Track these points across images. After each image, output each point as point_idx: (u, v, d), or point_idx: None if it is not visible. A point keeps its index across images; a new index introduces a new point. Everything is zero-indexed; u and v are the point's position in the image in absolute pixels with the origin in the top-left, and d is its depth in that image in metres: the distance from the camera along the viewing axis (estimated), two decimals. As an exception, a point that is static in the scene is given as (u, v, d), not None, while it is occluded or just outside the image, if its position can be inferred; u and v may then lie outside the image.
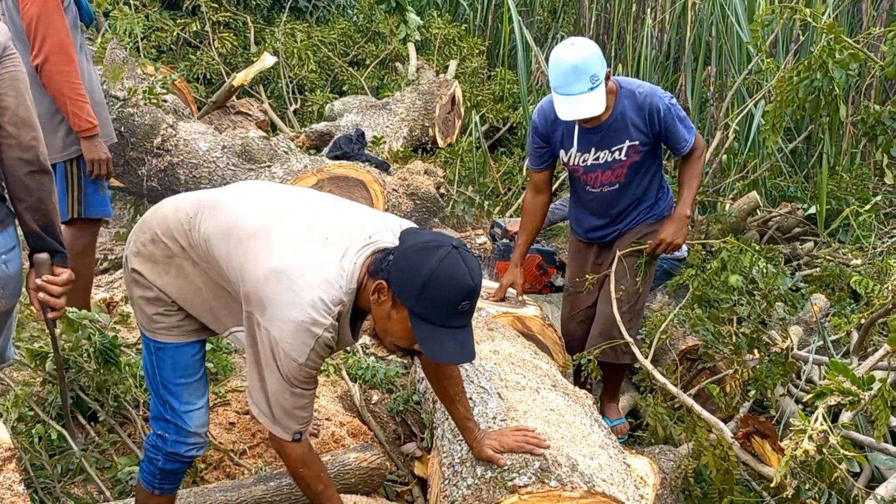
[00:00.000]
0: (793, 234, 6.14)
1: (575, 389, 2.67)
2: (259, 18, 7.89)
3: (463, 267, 1.79)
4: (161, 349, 2.12)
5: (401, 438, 3.10)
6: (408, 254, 1.81)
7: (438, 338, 1.82)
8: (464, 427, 2.20)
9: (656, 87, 3.11)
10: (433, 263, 1.76)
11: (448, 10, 9.36)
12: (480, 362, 2.73)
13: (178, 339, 2.11)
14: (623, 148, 3.06)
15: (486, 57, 8.49)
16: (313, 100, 7.37)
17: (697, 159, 3.13)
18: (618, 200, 3.22)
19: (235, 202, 2.07)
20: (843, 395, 1.50)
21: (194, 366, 2.16)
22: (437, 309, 1.79)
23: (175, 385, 2.13)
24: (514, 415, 2.35)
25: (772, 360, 2.27)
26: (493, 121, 7.50)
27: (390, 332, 1.90)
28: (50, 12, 2.85)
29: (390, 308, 1.84)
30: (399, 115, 5.69)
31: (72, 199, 3.12)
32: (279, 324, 1.83)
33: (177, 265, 2.06)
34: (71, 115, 2.93)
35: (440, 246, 1.80)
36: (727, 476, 2.46)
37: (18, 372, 2.88)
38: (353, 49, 8.04)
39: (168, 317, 2.09)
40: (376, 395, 3.27)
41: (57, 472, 2.53)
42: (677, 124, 3.04)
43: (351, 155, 4.48)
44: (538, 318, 3.27)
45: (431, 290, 1.77)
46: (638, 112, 3.00)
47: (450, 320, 1.82)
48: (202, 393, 2.19)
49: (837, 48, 2.46)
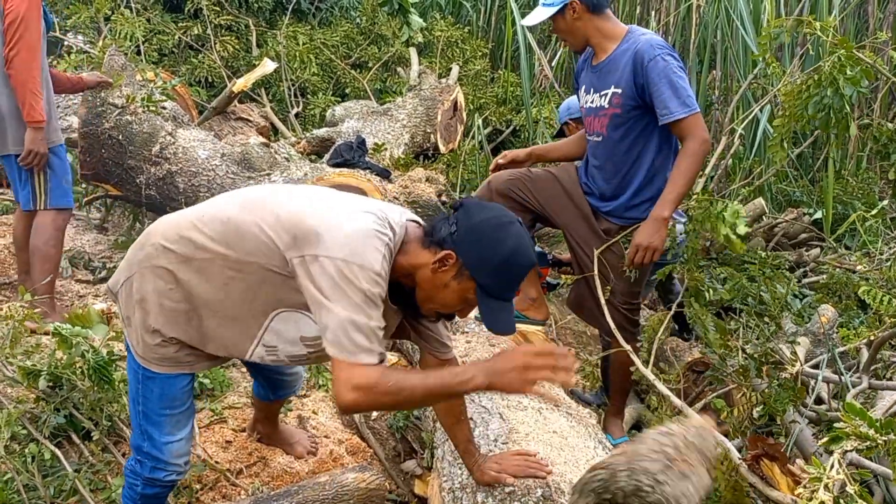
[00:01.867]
0: (799, 240, 6.08)
1: (578, 409, 2.62)
2: (261, 21, 7.84)
3: (529, 242, 1.84)
4: (151, 378, 2.05)
5: (401, 456, 3.05)
6: (482, 229, 1.79)
7: (498, 310, 1.83)
8: (465, 451, 2.14)
9: (659, 41, 2.85)
10: (513, 241, 1.78)
11: (451, 12, 9.30)
12: (482, 380, 2.68)
13: (171, 369, 2.04)
14: (608, 94, 2.89)
15: (489, 59, 8.44)
16: (315, 103, 7.31)
17: (691, 153, 2.77)
18: (603, 160, 2.99)
19: (245, 191, 2.07)
20: (861, 439, 1.44)
21: (182, 397, 2.10)
22: (507, 284, 1.82)
23: (159, 416, 2.08)
24: (516, 437, 2.30)
25: (781, 385, 2.21)
26: (497, 124, 7.45)
27: (439, 301, 1.87)
28: (32, 15, 3.31)
29: (451, 278, 1.81)
30: (400, 121, 5.62)
31: (39, 189, 3.48)
32: (342, 240, 1.74)
33: (195, 268, 1.92)
34: (27, 105, 3.31)
35: (512, 222, 1.82)
36: (737, 492, 2.40)
37: (12, 389, 2.83)
38: (356, 51, 7.98)
39: (165, 347, 2.01)
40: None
41: (50, 493, 2.48)
42: (662, 84, 2.75)
43: (352, 162, 4.42)
44: (541, 333, 3.21)
45: (509, 267, 1.79)
46: (629, 58, 2.82)
47: (509, 294, 1.85)
48: (185, 424, 2.14)
49: (849, 64, 2.39)
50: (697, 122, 2.77)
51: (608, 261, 3.03)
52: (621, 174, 2.97)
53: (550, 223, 3.25)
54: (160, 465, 2.12)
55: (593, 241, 3.07)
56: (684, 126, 2.78)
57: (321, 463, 2.80)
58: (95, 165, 4.18)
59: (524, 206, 3.13)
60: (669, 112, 2.77)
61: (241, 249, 1.87)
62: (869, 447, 1.46)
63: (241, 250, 1.87)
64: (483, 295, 1.81)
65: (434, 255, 1.81)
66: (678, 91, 2.76)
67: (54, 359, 2.70)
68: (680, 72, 2.80)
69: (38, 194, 3.49)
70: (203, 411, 2.96)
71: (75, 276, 4.19)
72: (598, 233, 3.07)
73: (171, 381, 2.05)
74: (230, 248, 1.88)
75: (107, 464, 2.63)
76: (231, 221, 1.90)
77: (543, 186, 3.14)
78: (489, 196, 3.17)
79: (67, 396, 2.69)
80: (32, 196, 3.48)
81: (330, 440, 2.93)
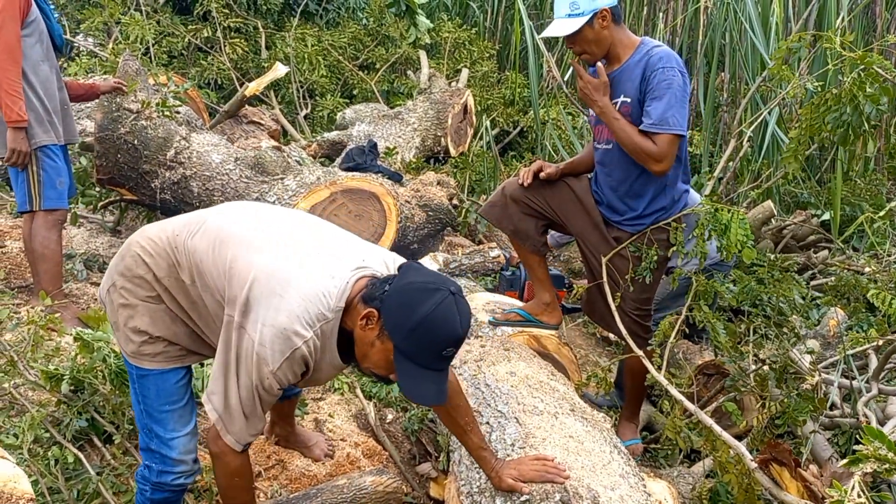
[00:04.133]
0: (807, 242, 6.09)
1: (593, 413, 2.65)
2: (270, 23, 7.88)
3: (456, 315, 1.80)
4: (144, 376, 2.11)
5: (416, 459, 3.09)
6: (406, 290, 1.81)
7: (418, 377, 1.82)
8: (479, 458, 2.17)
9: (675, 57, 2.84)
10: (429, 307, 1.76)
11: (458, 13, 9.33)
12: (497, 385, 2.72)
13: (162, 364, 2.10)
14: (617, 103, 2.90)
15: (496, 60, 8.46)
16: (323, 104, 7.36)
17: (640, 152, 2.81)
18: (611, 168, 3.01)
19: (223, 217, 2.09)
20: (880, 461, 1.47)
21: (179, 392, 2.14)
22: (423, 351, 1.80)
23: (160, 412, 2.13)
24: (533, 441, 2.33)
25: (801, 395, 2.23)
26: (504, 125, 7.48)
27: (370, 360, 1.90)
28: (7, 18, 3.33)
29: (375, 337, 1.84)
30: (411, 124, 5.66)
31: (33, 191, 3.54)
32: (260, 326, 1.83)
33: (169, 283, 2.05)
34: (4, 106, 3.36)
35: (439, 290, 1.79)
36: (749, 494, 2.43)
37: (34, 392, 2.88)
38: (363, 53, 8.02)
39: (152, 344, 2.08)
40: (391, 413, 3.26)
41: (73, 495, 2.52)
42: (658, 98, 2.76)
43: (363, 166, 4.46)
44: (554, 337, 3.24)
45: (423, 332, 1.77)
46: (641, 68, 2.83)
47: (432, 363, 1.82)
48: (188, 420, 2.18)
49: (868, 81, 2.40)
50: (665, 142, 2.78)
51: (617, 267, 3.07)
52: (629, 182, 2.99)
53: (564, 229, 3.28)
54: (168, 465, 2.15)
55: (604, 249, 3.10)
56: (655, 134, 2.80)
57: (338, 466, 2.83)
58: (111, 170, 4.22)
59: (537, 212, 3.16)
60: (651, 120, 2.78)
61: (202, 283, 2.00)
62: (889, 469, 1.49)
63: (202, 283, 2.00)
64: (400, 357, 1.81)
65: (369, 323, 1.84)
66: (668, 106, 2.76)
67: (76, 363, 2.75)
68: (681, 91, 2.78)
69: (33, 196, 3.53)
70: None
71: (90, 279, 4.23)
72: (608, 240, 3.11)
73: (165, 377, 2.11)
74: (193, 280, 2.02)
75: (128, 467, 2.66)
76: (196, 255, 2.00)
77: (556, 193, 3.17)
78: (503, 202, 3.20)
79: (89, 400, 2.73)
80: (28, 197, 3.54)
81: (346, 443, 2.96)
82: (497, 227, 3.41)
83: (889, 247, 5.95)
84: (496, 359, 2.91)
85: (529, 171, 3.14)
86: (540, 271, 3.27)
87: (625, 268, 3.05)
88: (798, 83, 5.21)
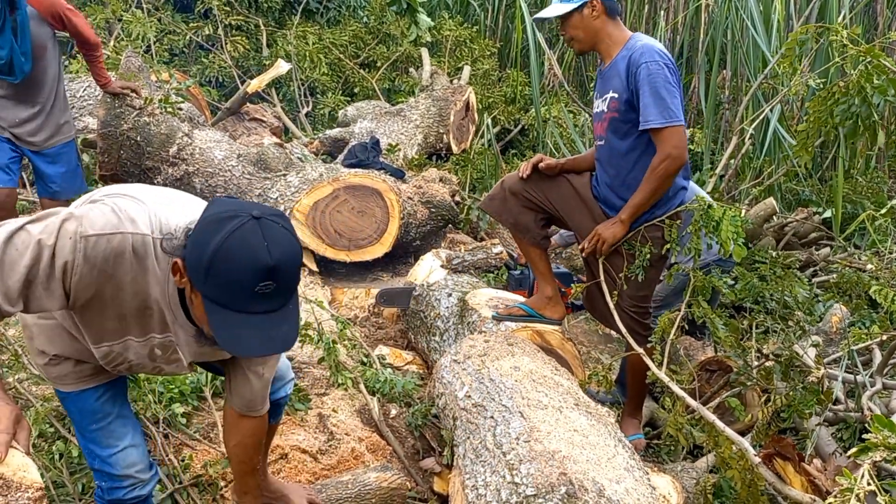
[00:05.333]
0: (809, 239, 6.10)
1: (597, 407, 2.65)
2: (271, 21, 7.89)
3: (260, 240, 1.49)
4: (64, 398, 1.97)
5: (419, 453, 3.09)
6: (200, 227, 1.53)
7: (234, 325, 1.51)
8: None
9: (656, 48, 2.83)
10: (221, 237, 1.48)
11: (459, 11, 9.33)
12: (502, 379, 2.72)
13: (74, 387, 1.93)
14: (607, 98, 2.93)
15: (496, 59, 8.47)
16: (325, 102, 7.36)
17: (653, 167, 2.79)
18: (605, 164, 3.01)
19: None
20: (890, 450, 1.47)
21: (103, 408, 1.96)
22: (228, 291, 1.50)
23: (90, 432, 1.98)
24: (538, 435, 2.33)
25: (806, 388, 2.23)
26: (505, 123, 7.48)
27: (200, 320, 1.64)
28: None
29: (190, 291, 1.58)
30: (413, 121, 5.66)
31: None
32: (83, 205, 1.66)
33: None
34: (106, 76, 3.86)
35: (236, 216, 1.51)
36: (752, 489, 2.43)
37: (38, 387, 2.88)
38: (365, 51, 8.02)
39: (58, 365, 1.90)
40: (394, 409, 3.26)
41: (78, 489, 2.52)
42: (645, 91, 2.75)
43: (366, 163, 4.46)
44: (558, 332, 3.24)
45: (218, 267, 1.48)
46: (625, 64, 2.85)
47: (246, 305, 1.51)
48: (123, 433, 2.00)
49: (875, 73, 2.40)
50: (670, 135, 2.77)
51: (614, 264, 3.07)
52: (621, 177, 2.99)
53: (563, 224, 3.28)
54: (115, 482, 2.03)
55: None
56: (656, 136, 2.80)
57: (342, 461, 2.83)
58: (114, 166, 4.22)
59: (537, 207, 3.17)
60: (646, 120, 2.79)
61: None
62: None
63: None
64: (209, 304, 1.52)
65: (178, 276, 1.58)
66: (659, 100, 2.76)
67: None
68: (667, 81, 2.77)
69: None
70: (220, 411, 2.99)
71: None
72: None
73: (83, 397, 1.94)
74: None
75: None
76: None
77: (555, 187, 3.17)
78: (502, 195, 3.20)
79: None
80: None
81: (350, 437, 2.96)
82: (497, 221, 3.41)
83: (890, 244, 5.97)
84: (500, 353, 2.91)
85: (529, 163, 3.16)
86: (541, 265, 3.27)
87: (621, 265, 3.05)
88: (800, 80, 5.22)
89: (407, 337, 4.04)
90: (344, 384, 3.24)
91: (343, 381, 3.24)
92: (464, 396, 2.83)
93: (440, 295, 3.77)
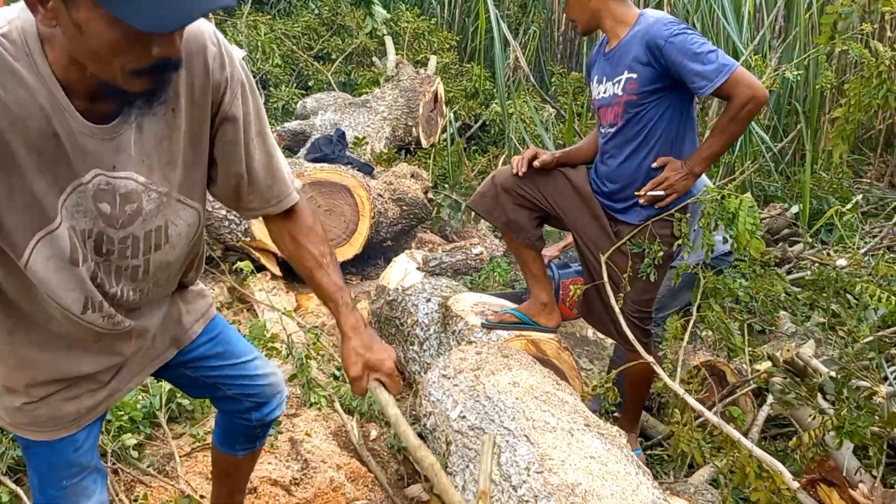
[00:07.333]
0: (781, 235, 6.00)
1: (608, 427, 2.38)
2: (218, 10, 7.45)
3: None
4: (27, 448, 1.54)
5: (404, 479, 2.78)
6: None
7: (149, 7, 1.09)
8: (331, 300, 1.57)
9: (667, 18, 2.67)
10: None
11: (415, 3, 9.03)
12: (500, 397, 2.43)
13: (49, 434, 1.51)
14: (622, 80, 2.70)
15: (456, 52, 8.20)
16: (278, 95, 6.98)
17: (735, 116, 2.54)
18: (614, 150, 2.78)
19: None
20: None
21: (79, 462, 1.56)
22: None
23: (57, 489, 1.55)
24: (551, 464, 2.05)
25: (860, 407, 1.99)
26: (465, 118, 7.22)
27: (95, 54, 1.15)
28: None
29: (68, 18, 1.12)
30: (380, 113, 5.31)
31: None
32: None
33: None
34: None
35: None
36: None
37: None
38: (318, 43, 7.65)
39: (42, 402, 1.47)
40: (375, 429, 2.94)
41: None
42: (684, 59, 2.54)
43: (332, 157, 4.12)
44: (553, 341, 2.97)
45: None
46: (640, 42, 2.63)
47: None
48: (92, 491, 1.59)
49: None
50: (737, 81, 2.52)
51: (617, 264, 2.81)
52: (635, 160, 2.74)
53: (559, 223, 3.01)
54: None
55: (603, 243, 2.84)
56: (726, 90, 2.54)
57: (320, 494, 2.50)
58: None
59: (531, 204, 2.90)
60: (703, 80, 2.53)
61: None
62: None
63: None
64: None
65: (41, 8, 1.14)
66: (704, 59, 2.53)
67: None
68: (697, 40, 2.56)
69: None
70: (183, 437, 2.64)
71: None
72: (608, 234, 2.85)
73: (57, 448, 1.53)
74: None
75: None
76: None
77: (550, 181, 2.90)
78: (494, 192, 2.93)
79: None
80: None
81: (327, 465, 2.63)
82: (488, 220, 3.12)
83: (857, 239, 5.91)
84: (495, 367, 2.62)
85: (524, 159, 2.87)
86: (535, 268, 3.00)
87: (625, 265, 2.79)
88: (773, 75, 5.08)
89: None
90: (317, 403, 2.91)
91: (317, 399, 2.91)
92: (457, 417, 2.53)
93: (417, 300, 3.47)
